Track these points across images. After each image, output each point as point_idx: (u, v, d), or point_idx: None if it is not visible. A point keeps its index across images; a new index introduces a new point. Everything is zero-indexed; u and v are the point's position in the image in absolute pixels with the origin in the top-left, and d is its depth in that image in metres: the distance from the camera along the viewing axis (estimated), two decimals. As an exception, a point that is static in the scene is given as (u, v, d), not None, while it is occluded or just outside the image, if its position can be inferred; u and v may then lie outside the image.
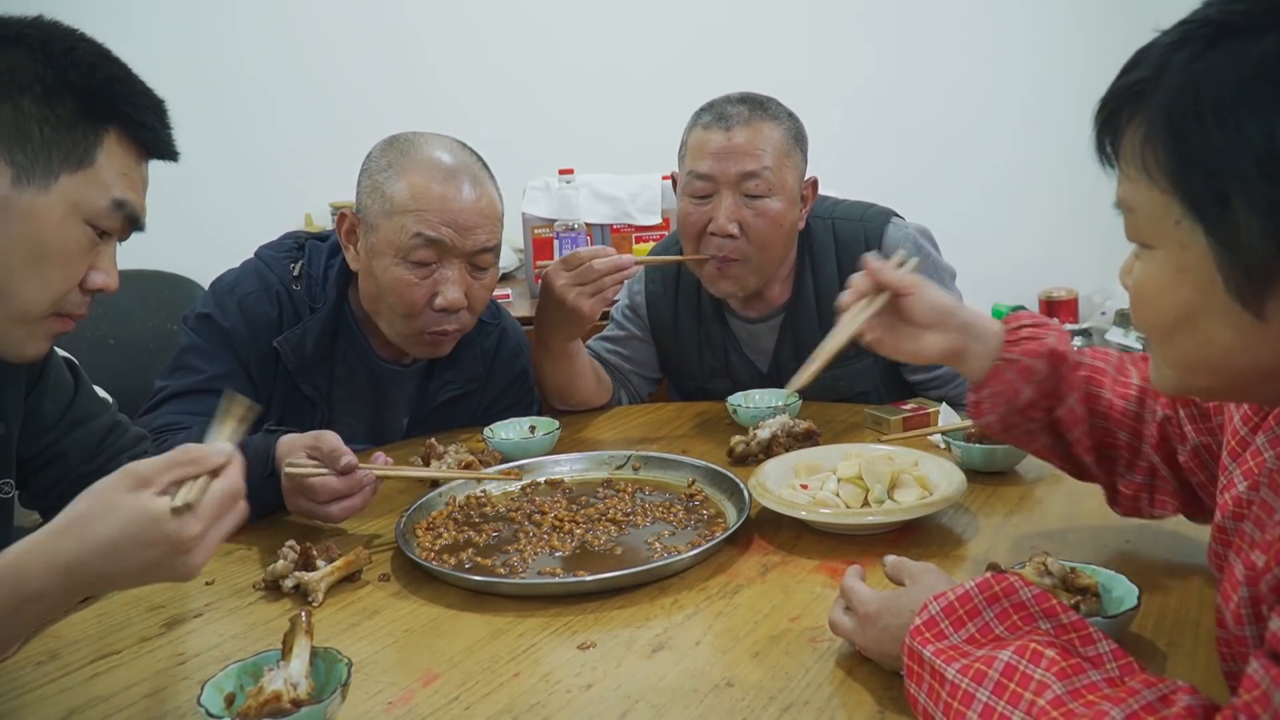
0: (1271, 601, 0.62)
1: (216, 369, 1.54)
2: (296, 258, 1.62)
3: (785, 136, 1.69)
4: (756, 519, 1.26)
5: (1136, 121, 0.70)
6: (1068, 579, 0.93)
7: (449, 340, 1.57)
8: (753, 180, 1.65)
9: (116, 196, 1.00)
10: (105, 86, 0.99)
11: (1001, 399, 1.05)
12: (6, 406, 1.09)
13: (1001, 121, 3.66)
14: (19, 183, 0.95)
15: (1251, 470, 0.77)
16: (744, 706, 0.86)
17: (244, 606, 1.11)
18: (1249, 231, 0.63)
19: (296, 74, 3.39)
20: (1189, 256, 0.68)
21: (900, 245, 1.70)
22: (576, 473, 1.46)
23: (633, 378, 1.94)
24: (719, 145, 1.66)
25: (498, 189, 1.56)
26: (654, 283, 1.91)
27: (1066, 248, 3.72)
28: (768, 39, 3.54)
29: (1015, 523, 1.21)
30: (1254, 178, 0.62)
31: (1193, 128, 0.65)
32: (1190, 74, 0.65)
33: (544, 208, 3.01)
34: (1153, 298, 0.72)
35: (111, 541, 0.77)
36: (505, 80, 3.49)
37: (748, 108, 1.68)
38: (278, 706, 0.80)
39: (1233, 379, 0.72)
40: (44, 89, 0.95)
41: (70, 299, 1.01)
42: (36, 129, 0.95)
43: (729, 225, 1.66)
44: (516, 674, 0.94)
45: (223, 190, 3.13)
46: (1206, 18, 0.66)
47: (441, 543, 1.23)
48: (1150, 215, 0.70)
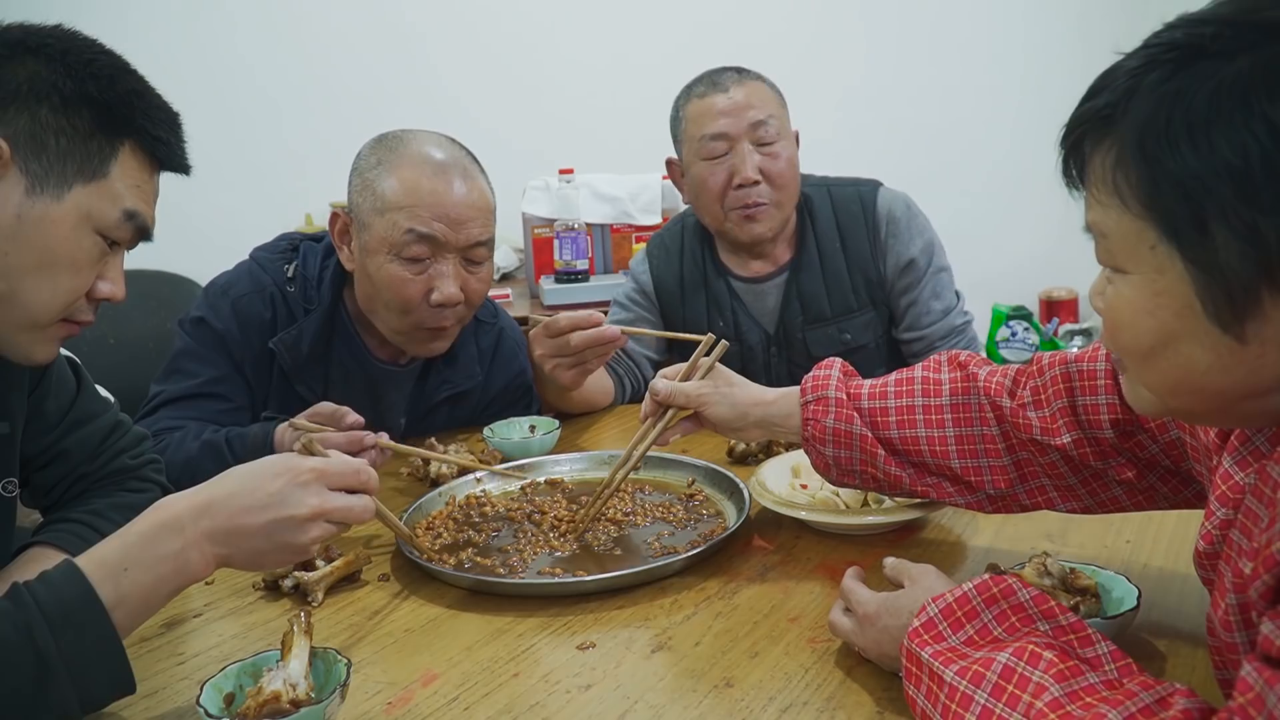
0: (1262, 607, 0.62)
1: (211, 372, 1.54)
2: (291, 259, 1.62)
3: (772, 91, 1.82)
4: (756, 519, 1.26)
5: (1106, 146, 0.69)
6: (1067, 580, 0.93)
7: (448, 334, 1.56)
8: (763, 128, 1.75)
9: (128, 208, 1.01)
10: (123, 100, 1.00)
11: (819, 471, 1.14)
12: (11, 406, 1.09)
13: (1000, 121, 3.66)
14: (33, 191, 0.96)
15: (1226, 495, 0.76)
16: (743, 707, 0.86)
17: (243, 607, 1.11)
18: (1228, 254, 0.63)
19: (296, 74, 3.39)
20: (1166, 281, 0.67)
21: (892, 208, 1.83)
22: (576, 472, 1.46)
23: (643, 363, 1.94)
24: (725, 104, 1.76)
25: (488, 182, 1.55)
26: (656, 259, 1.95)
27: (1066, 247, 3.68)
28: (766, 39, 3.54)
29: (1015, 523, 1.21)
30: (1230, 200, 0.62)
31: (1166, 151, 0.64)
32: (1161, 97, 0.64)
33: (544, 207, 3.01)
34: (1129, 322, 0.71)
35: (249, 470, 0.92)
36: (505, 80, 3.50)
37: (734, 71, 1.79)
38: (277, 707, 0.80)
39: (1212, 400, 0.71)
40: (62, 100, 0.96)
41: (77, 306, 1.02)
42: (53, 139, 0.96)
43: (752, 173, 1.74)
44: (516, 674, 0.94)
45: (223, 190, 3.12)
46: (1173, 41, 0.66)
47: (441, 543, 1.23)
48: (1124, 240, 0.69)
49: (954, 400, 1.06)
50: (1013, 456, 1.03)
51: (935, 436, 1.05)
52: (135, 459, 1.22)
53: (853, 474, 1.10)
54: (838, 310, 1.83)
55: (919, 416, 1.06)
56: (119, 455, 1.20)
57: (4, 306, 0.98)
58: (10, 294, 0.97)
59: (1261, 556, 0.63)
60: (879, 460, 1.07)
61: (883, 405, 1.08)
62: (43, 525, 1.13)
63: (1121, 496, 1.00)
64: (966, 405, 1.05)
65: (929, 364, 1.10)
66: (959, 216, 1.85)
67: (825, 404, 1.09)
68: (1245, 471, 0.75)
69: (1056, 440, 0.98)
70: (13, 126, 0.94)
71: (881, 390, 1.09)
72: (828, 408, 1.09)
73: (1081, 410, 0.97)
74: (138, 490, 1.20)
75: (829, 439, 1.09)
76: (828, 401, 1.09)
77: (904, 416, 1.07)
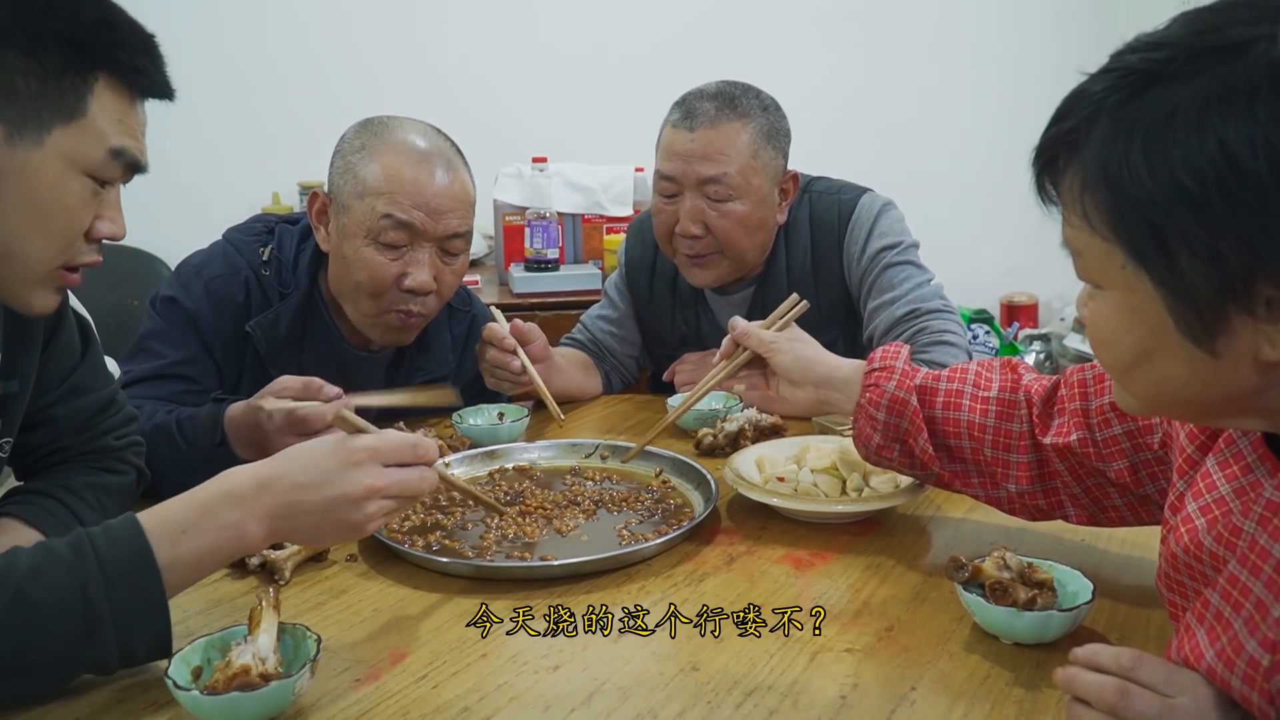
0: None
1: (180, 354, 1.52)
2: (266, 242, 1.60)
3: (754, 136, 1.67)
4: (723, 510, 1.28)
5: (1073, 170, 0.70)
6: (1025, 573, 0.96)
7: (413, 325, 1.56)
8: (713, 185, 1.66)
9: (113, 145, 0.97)
10: (91, 31, 0.96)
11: (859, 441, 1.17)
12: (23, 364, 1.07)
13: (966, 127, 3.70)
14: (11, 140, 0.92)
15: (1210, 507, 0.77)
16: (709, 690, 0.88)
17: (208, 583, 1.10)
18: (1193, 276, 0.64)
19: (266, 52, 3.36)
20: (1138, 299, 0.68)
21: (860, 214, 1.75)
22: (545, 460, 1.47)
23: (625, 360, 1.95)
24: (682, 147, 1.67)
25: (471, 175, 1.55)
26: (633, 248, 1.94)
27: (1028, 254, 3.77)
28: (745, 33, 3.56)
29: (977, 518, 1.24)
30: (1190, 224, 0.63)
31: (1127, 178, 0.65)
32: (1119, 123, 0.65)
33: (516, 195, 3.01)
34: (1108, 337, 0.73)
35: (306, 449, 0.93)
36: (480, 66, 3.48)
37: (715, 105, 1.67)
38: (246, 680, 0.80)
39: (1196, 407, 0.73)
40: (27, 40, 0.92)
41: (77, 250, 0.99)
42: (23, 83, 0.92)
43: (692, 226, 1.69)
44: (484, 654, 0.95)
45: (188, 166, 3.09)
46: (1130, 66, 0.66)
47: (409, 525, 1.23)
48: (1097, 259, 0.71)
49: (1000, 395, 1.08)
50: (1037, 455, 1.06)
51: (976, 423, 1.08)
52: (119, 439, 1.20)
53: (893, 445, 1.13)
54: (802, 328, 1.77)
55: (965, 402, 1.09)
56: (105, 434, 1.18)
57: (1, 261, 0.95)
58: (4, 248, 0.95)
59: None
60: (920, 437, 1.10)
61: (934, 385, 1.11)
62: (14, 493, 1.12)
63: (1121, 506, 1.03)
64: (1012, 403, 1.08)
65: (985, 363, 1.13)
66: (923, 221, 1.86)
67: (890, 372, 1.13)
68: (1225, 473, 0.77)
69: (1064, 439, 1.01)
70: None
71: (937, 375, 1.13)
72: (891, 375, 1.13)
73: (1094, 412, 1.00)
74: (116, 472, 1.19)
75: (884, 404, 1.12)
76: (893, 370, 1.13)
77: (951, 399, 1.10)
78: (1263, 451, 0.75)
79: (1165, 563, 0.84)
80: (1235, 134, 0.60)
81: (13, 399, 1.07)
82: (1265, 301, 0.63)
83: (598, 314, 1.98)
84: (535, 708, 0.86)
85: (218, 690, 0.79)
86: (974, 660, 0.92)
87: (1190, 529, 0.79)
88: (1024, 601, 0.92)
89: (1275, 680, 0.64)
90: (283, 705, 0.82)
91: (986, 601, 0.93)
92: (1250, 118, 0.60)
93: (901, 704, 0.85)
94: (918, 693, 0.87)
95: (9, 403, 1.07)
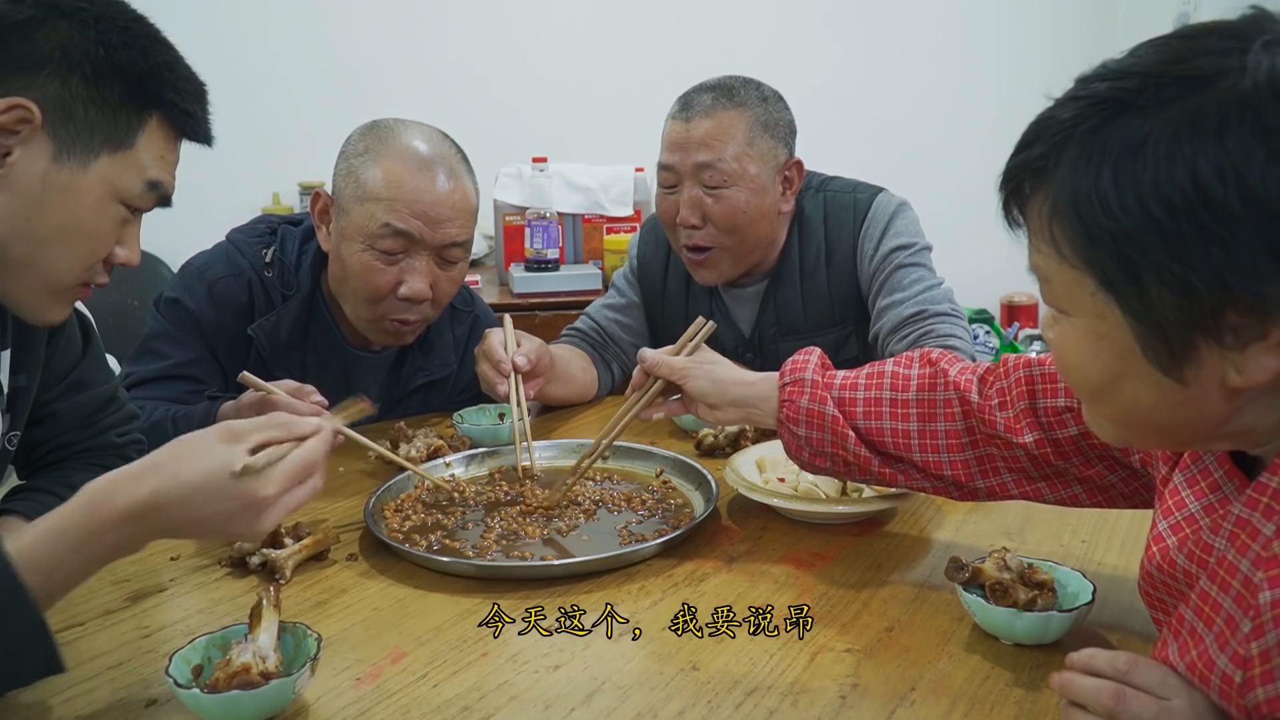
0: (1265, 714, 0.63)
1: (184, 355, 1.52)
2: (269, 243, 1.60)
3: (750, 125, 1.68)
4: (724, 511, 1.28)
5: (1040, 196, 0.69)
6: (1025, 574, 0.96)
7: (410, 331, 1.56)
8: (708, 171, 1.66)
9: (151, 178, 1.01)
10: (154, 72, 0.99)
11: (791, 455, 1.15)
12: (31, 360, 1.09)
13: (966, 126, 3.70)
14: (59, 159, 0.95)
15: (1180, 525, 0.77)
16: (709, 690, 0.88)
17: (209, 583, 1.11)
18: (1163, 306, 0.64)
19: (266, 53, 3.35)
20: (1106, 325, 0.68)
21: (876, 212, 1.75)
22: (545, 460, 1.47)
23: (630, 349, 1.94)
24: (679, 136, 1.69)
25: (475, 183, 1.54)
26: (645, 244, 1.94)
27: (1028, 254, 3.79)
28: (745, 33, 3.56)
29: (977, 519, 1.24)
30: (1161, 254, 0.62)
31: (1098, 207, 0.64)
32: (1089, 152, 0.65)
33: (516, 195, 3.01)
34: (1076, 362, 0.73)
35: (194, 485, 0.82)
36: (480, 66, 3.48)
37: (712, 96, 1.68)
38: (246, 679, 0.80)
39: (1164, 432, 0.73)
40: (94, 69, 0.95)
41: (95, 271, 1.02)
42: (82, 109, 0.95)
43: (690, 216, 1.69)
44: (484, 654, 0.95)
45: (188, 166, 3.04)
46: (1099, 94, 0.65)
47: (410, 525, 1.23)
48: (1065, 286, 0.70)
49: (919, 396, 1.08)
50: (975, 451, 1.06)
51: (899, 429, 1.08)
52: (121, 437, 1.21)
53: (824, 455, 1.13)
54: (813, 324, 1.79)
55: (885, 409, 1.09)
56: (107, 431, 1.19)
57: (24, 271, 0.97)
58: (30, 259, 0.96)
59: (1259, 671, 0.63)
60: (849, 443, 1.10)
61: (852, 395, 1.11)
62: (16, 491, 1.12)
63: (1081, 495, 1.03)
64: (931, 401, 1.07)
65: (901, 359, 1.12)
66: (924, 220, 1.86)
67: (801, 386, 1.12)
68: (1193, 490, 0.77)
69: (1020, 439, 1.01)
70: (44, 92, 0.93)
71: (853, 381, 1.12)
72: (803, 389, 1.12)
73: (1042, 412, 1.00)
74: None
75: (802, 419, 1.12)
76: (804, 384, 1.12)
77: (870, 408, 1.09)
78: (1229, 468, 0.75)
79: (1143, 577, 0.84)
80: (1206, 165, 0.60)
81: (23, 393, 1.09)
82: (1233, 330, 0.63)
83: (603, 304, 1.97)
84: (535, 707, 0.86)
85: (218, 688, 0.80)
86: (974, 661, 0.92)
87: (1162, 547, 0.79)
88: (1024, 602, 0.92)
89: (1249, 697, 0.64)
90: (283, 704, 0.82)
91: (987, 602, 0.93)
92: (1221, 149, 0.60)
93: (901, 704, 0.85)
94: (917, 693, 0.87)
95: (18, 397, 1.08)
